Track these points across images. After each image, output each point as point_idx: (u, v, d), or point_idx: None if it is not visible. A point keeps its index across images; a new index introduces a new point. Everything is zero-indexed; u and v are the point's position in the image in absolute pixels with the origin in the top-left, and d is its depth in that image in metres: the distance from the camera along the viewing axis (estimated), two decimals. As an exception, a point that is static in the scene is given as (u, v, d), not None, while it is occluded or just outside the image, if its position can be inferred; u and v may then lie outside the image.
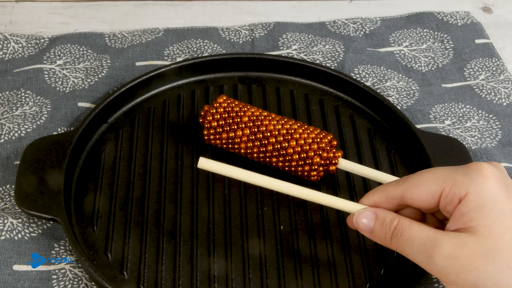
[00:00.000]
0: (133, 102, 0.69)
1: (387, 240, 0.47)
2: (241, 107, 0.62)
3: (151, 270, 0.56)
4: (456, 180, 0.45)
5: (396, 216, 0.47)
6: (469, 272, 0.43)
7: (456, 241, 0.43)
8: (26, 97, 0.70)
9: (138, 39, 0.77)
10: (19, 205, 0.57)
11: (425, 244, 0.44)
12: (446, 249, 0.43)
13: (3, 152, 0.65)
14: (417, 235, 0.45)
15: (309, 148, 0.59)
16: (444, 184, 0.45)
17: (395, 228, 0.47)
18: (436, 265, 0.44)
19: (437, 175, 0.46)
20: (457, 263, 0.43)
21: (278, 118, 0.61)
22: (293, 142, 0.59)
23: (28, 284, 0.55)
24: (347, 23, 0.82)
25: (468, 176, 0.45)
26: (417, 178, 0.47)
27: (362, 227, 0.49)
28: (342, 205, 0.52)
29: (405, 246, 0.46)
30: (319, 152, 0.59)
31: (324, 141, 0.59)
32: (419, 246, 0.45)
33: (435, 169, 0.47)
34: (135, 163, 0.64)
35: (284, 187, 0.54)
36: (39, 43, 0.77)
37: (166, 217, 0.59)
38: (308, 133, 0.59)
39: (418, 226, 0.46)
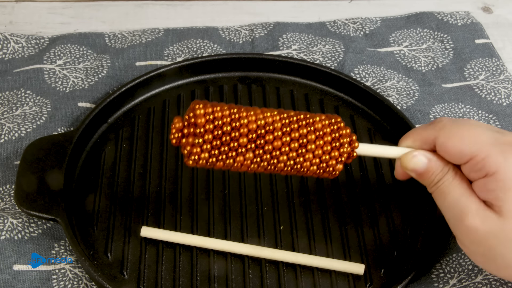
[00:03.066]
0: (133, 102, 0.69)
1: (429, 187, 0.49)
2: (231, 119, 0.49)
3: (151, 270, 0.56)
4: (490, 154, 0.44)
5: (445, 165, 0.48)
6: (482, 245, 0.45)
7: (481, 213, 0.45)
8: (26, 97, 0.70)
9: (138, 39, 0.77)
10: (19, 205, 0.57)
11: (456, 205, 0.46)
12: (471, 220, 0.45)
13: (3, 152, 0.65)
14: (452, 191, 0.47)
15: (329, 157, 0.50)
16: (477, 152, 0.45)
17: (440, 179, 0.48)
18: (457, 228, 0.47)
19: (476, 138, 0.45)
20: (476, 235, 0.45)
21: (280, 123, 0.49)
22: (309, 155, 0.50)
23: (28, 284, 0.55)
24: (347, 23, 0.82)
25: (503, 155, 0.44)
26: (455, 130, 0.47)
27: (414, 167, 0.49)
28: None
29: (439, 198, 0.48)
30: (340, 158, 0.51)
31: (342, 141, 0.50)
32: (450, 204, 0.47)
33: (476, 127, 0.47)
34: (135, 163, 0.64)
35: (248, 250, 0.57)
36: (39, 43, 0.77)
37: (166, 217, 0.59)
38: (322, 137, 0.50)
39: (458, 183, 0.47)
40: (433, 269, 0.57)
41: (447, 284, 0.55)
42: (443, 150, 0.47)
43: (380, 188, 0.62)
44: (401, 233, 0.59)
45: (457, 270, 0.56)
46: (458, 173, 0.47)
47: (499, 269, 0.47)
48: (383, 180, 0.63)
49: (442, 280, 0.55)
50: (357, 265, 0.56)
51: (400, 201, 0.61)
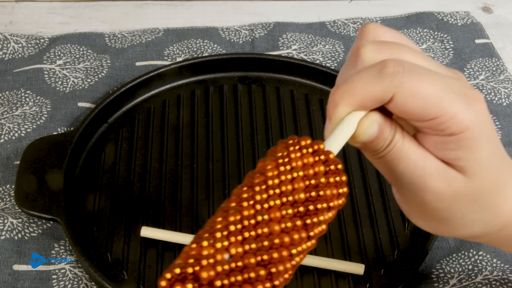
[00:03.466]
0: (133, 102, 0.69)
1: (373, 154, 0.40)
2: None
3: (151, 270, 0.56)
4: (458, 113, 0.37)
5: (392, 127, 0.39)
6: (446, 209, 0.39)
7: (445, 175, 0.38)
8: (26, 97, 0.70)
9: (138, 39, 0.77)
10: (19, 205, 0.57)
11: (414, 169, 0.38)
12: (435, 183, 0.38)
13: (3, 152, 0.65)
14: (408, 154, 0.39)
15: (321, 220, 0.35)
16: (443, 112, 0.37)
17: (389, 143, 0.39)
18: (418, 195, 0.39)
19: (440, 93, 0.37)
20: (439, 200, 0.39)
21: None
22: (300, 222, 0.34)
23: (28, 284, 0.55)
24: (347, 23, 0.82)
25: (471, 111, 0.37)
26: (416, 87, 0.37)
27: (367, 138, 0.39)
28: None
29: (389, 165, 0.39)
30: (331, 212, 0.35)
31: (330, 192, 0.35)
32: (406, 169, 0.39)
33: (435, 80, 0.37)
34: (135, 163, 0.64)
35: None
36: (39, 43, 0.77)
37: (166, 217, 0.59)
38: (312, 200, 0.34)
39: (410, 143, 0.39)
40: (433, 269, 0.57)
41: (447, 284, 0.55)
42: (401, 110, 0.37)
43: (380, 188, 0.62)
44: (401, 233, 0.59)
45: (457, 270, 0.56)
46: (404, 131, 0.39)
47: (454, 230, 0.41)
48: (383, 180, 0.63)
49: (442, 280, 0.55)
50: (357, 265, 0.56)
51: (400, 201, 0.61)
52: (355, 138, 0.39)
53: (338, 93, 0.37)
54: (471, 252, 0.57)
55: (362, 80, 0.37)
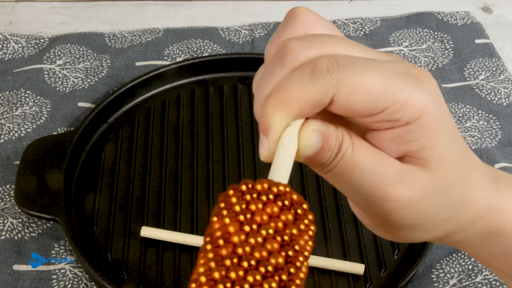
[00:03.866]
0: (133, 102, 0.69)
1: (322, 168, 0.34)
2: None
3: (151, 270, 0.56)
4: (409, 97, 0.32)
5: (338, 131, 0.33)
6: (414, 215, 0.34)
7: (407, 178, 0.33)
8: (26, 97, 0.70)
9: (138, 39, 0.77)
10: (19, 205, 0.57)
11: (371, 179, 0.33)
12: (397, 190, 0.33)
13: (3, 152, 0.65)
14: (360, 162, 0.33)
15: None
16: (394, 98, 0.32)
17: (338, 152, 0.33)
18: (381, 209, 0.34)
19: (385, 81, 0.32)
20: (406, 207, 0.34)
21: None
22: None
23: (28, 284, 0.55)
24: (347, 23, 0.82)
25: (424, 90, 0.33)
26: (358, 80, 0.32)
27: (312, 152, 0.33)
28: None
29: (342, 178, 0.34)
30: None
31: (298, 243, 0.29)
32: (361, 180, 0.33)
33: (375, 68, 0.32)
34: (135, 163, 0.64)
35: None
36: (39, 43, 0.77)
37: (166, 217, 0.59)
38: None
39: (361, 149, 0.33)
40: (433, 269, 0.57)
41: (447, 284, 0.55)
42: (346, 109, 0.32)
43: (380, 188, 0.62)
44: (401, 233, 0.59)
45: (457, 270, 0.56)
46: (352, 135, 0.34)
47: (425, 233, 0.36)
48: (383, 180, 0.63)
49: (442, 280, 0.55)
50: (357, 265, 0.56)
51: (400, 201, 0.61)
52: (298, 155, 0.33)
53: (270, 103, 0.32)
54: (471, 252, 0.57)
55: (295, 85, 0.32)
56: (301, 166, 0.63)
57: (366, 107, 0.32)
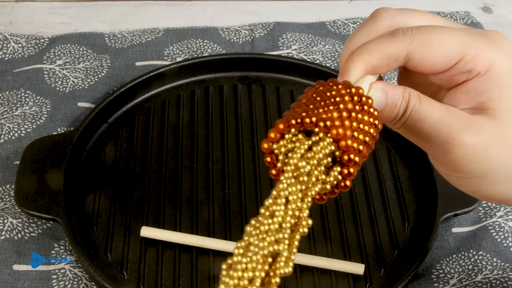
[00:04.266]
0: (133, 102, 0.69)
1: (393, 123, 0.39)
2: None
3: (151, 270, 0.56)
4: (481, 49, 0.37)
5: (404, 91, 0.38)
6: (482, 161, 0.38)
7: (473, 126, 0.37)
8: (26, 97, 0.70)
9: (138, 39, 0.77)
10: (19, 205, 0.57)
11: (439, 128, 0.38)
12: (463, 136, 0.37)
13: (3, 152, 0.65)
14: (428, 115, 0.38)
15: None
16: (466, 51, 0.37)
17: (406, 108, 0.38)
18: (449, 154, 0.38)
19: (457, 37, 0.37)
20: (472, 152, 0.37)
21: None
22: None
23: (28, 284, 0.55)
24: (347, 23, 0.82)
25: (495, 46, 0.37)
26: (431, 37, 0.38)
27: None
28: None
29: (412, 130, 0.39)
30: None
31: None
32: (430, 130, 0.38)
33: (450, 30, 0.38)
34: (135, 163, 0.64)
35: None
36: (39, 43, 0.77)
37: (166, 217, 0.59)
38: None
39: (428, 104, 0.38)
40: (433, 269, 0.57)
41: (447, 284, 0.55)
42: (423, 62, 0.38)
43: (380, 188, 0.62)
44: (401, 233, 0.59)
45: (457, 270, 0.56)
46: (420, 94, 0.39)
47: (497, 184, 0.39)
48: (383, 180, 0.63)
49: (442, 280, 0.55)
50: (357, 265, 0.56)
51: (400, 201, 0.61)
52: None
53: (355, 51, 0.38)
54: (471, 252, 0.57)
55: (376, 41, 0.38)
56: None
57: (441, 61, 0.37)
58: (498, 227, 0.59)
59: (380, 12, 0.41)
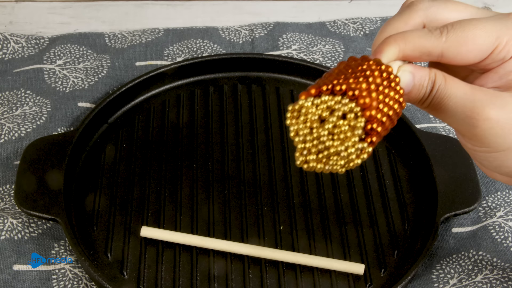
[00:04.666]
0: (133, 102, 0.69)
1: (421, 103, 0.43)
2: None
3: (151, 270, 0.56)
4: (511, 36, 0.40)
5: (430, 72, 0.42)
6: (508, 135, 0.40)
7: (497, 101, 0.40)
8: (26, 97, 0.70)
9: (138, 39, 0.77)
10: (19, 205, 0.57)
11: (465, 103, 0.40)
12: (487, 111, 0.40)
13: (3, 152, 0.65)
14: (454, 93, 0.41)
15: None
16: (498, 40, 0.40)
17: (432, 88, 0.42)
18: (474, 127, 0.40)
19: (488, 30, 0.40)
20: (497, 126, 0.40)
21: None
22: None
23: (28, 284, 0.55)
24: (347, 23, 0.82)
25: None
26: (464, 34, 0.40)
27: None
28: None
29: (440, 107, 0.42)
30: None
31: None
32: (457, 105, 0.41)
33: (483, 23, 0.41)
34: (135, 163, 0.64)
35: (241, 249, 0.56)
36: (39, 43, 0.77)
37: (166, 217, 0.59)
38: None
39: (454, 83, 0.41)
40: (433, 269, 0.57)
41: (447, 284, 0.55)
42: (458, 58, 0.41)
43: (380, 188, 0.62)
44: (401, 233, 0.59)
45: (457, 270, 0.56)
46: (445, 74, 0.42)
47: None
48: (383, 180, 0.63)
49: (442, 280, 0.55)
50: (357, 265, 0.56)
51: (400, 201, 0.61)
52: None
53: (393, 36, 0.42)
54: (471, 252, 0.57)
55: (415, 33, 0.41)
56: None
57: (476, 55, 0.41)
58: (498, 227, 0.59)
59: (415, 3, 0.44)
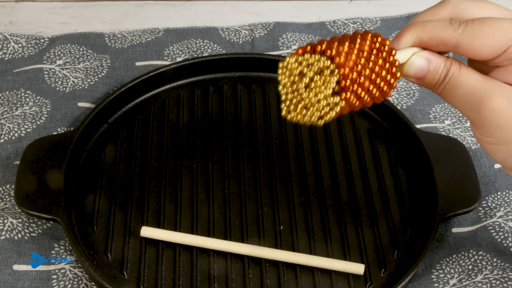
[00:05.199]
0: (133, 102, 0.69)
1: (435, 88, 0.45)
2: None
3: (151, 270, 0.56)
4: None
5: (446, 61, 0.45)
6: (510, 129, 0.42)
7: (506, 93, 0.42)
8: (26, 97, 0.70)
9: (138, 39, 0.77)
10: (19, 205, 0.57)
11: (474, 93, 0.43)
12: (495, 102, 0.42)
13: (3, 152, 0.65)
14: (465, 82, 0.43)
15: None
16: (510, 42, 0.42)
17: (446, 75, 0.44)
18: (479, 116, 0.43)
19: (504, 29, 0.42)
20: (502, 118, 0.42)
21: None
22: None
23: (28, 284, 0.55)
24: (347, 23, 0.82)
25: None
26: (480, 29, 0.43)
27: (413, 74, 0.45)
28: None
29: (451, 93, 0.44)
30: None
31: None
32: (466, 94, 0.43)
33: (501, 22, 0.43)
34: (135, 163, 0.64)
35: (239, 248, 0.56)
36: (39, 43, 0.77)
37: (166, 217, 0.59)
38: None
39: (467, 72, 0.44)
40: (433, 269, 0.57)
41: (447, 284, 0.55)
42: (471, 51, 0.43)
43: (380, 188, 0.62)
44: (401, 233, 0.59)
45: (457, 271, 0.56)
46: (462, 64, 0.45)
47: None
48: (383, 180, 0.63)
49: (442, 280, 0.55)
50: (357, 265, 0.56)
51: (400, 201, 0.61)
52: (403, 69, 0.46)
53: (412, 23, 0.45)
54: (471, 252, 0.57)
55: (434, 23, 0.44)
56: (302, 166, 0.63)
57: (489, 51, 0.42)
58: (498, 227, 0.59)
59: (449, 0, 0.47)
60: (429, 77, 0.45)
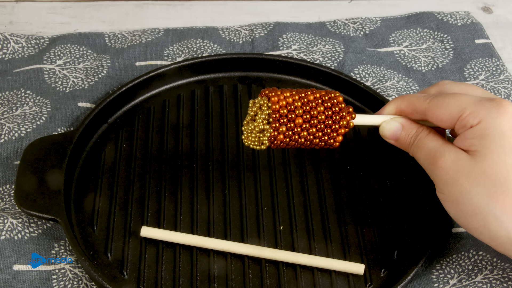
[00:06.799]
0: (133, 102, 0.69)
1: (408, 149, 0.54)
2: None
3: (151, 270, 0.56)
4: (473, 110, 0.49)
5: (419, 127, 0.53)
6: (454, 185, 0.49)
7: (453, 155, 0.49)
8: (26, 97, 0.70)
9: (138, 39, 0.77)
10: (19, 205, 0.57)
11: (431, 152, 0.51)
12: (443, 160, 0.50)
13: (3, 152, 0.65)
14: (427, 143, 0.52)
15: (330, 130, 0.54)
16: (462, 112, 0.49)
17: (416, 137, 0.53)
18: (432, 172, 0.51)
19: (460, 102, 0.50)
20: (447, 175, 0.49)
21: (300, 102, 0.54)
22: (320, 129, 0.54)
23: (28, 284, 0.55)
24: (347, 23, 0.82)
25: (486, 109, 0.49)
26: (442, 101, 0.51)
27: (389, 135, 0.55)
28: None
29: (416, 152, 0.53)
30: (340, 130, 0.54)
31: (341, 114, 0.54)
32: (426, 153, 0.51)
33: (459, 96, 0.51)
34: (135, 163, 0.64)
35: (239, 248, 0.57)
36: (39, 43, 0.77)
37: (166, 217, 0.59)
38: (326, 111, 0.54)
39: (432, 136, 0.52)
40: (433, 269, 0.57)
41: (447, 284, 0.55)
42: (434, 118, 0.51)
43: (380, 188, 0.62)
44: (401, 233, 0.59)
45: (457, 271, 0.56)
46: (432, 131, 0.53)
47: (468, 218, 0.49)
48: (383, 180, 0.63)
49: (442, 280, 0.55)
50: (357, 265, 0.56)
51: (400, 201, 0.61)
52: (380, 131, 0.55)
53: (397, 97, 0.55)
54: (471, 253, 0.57)
55: (412, 95, 0.54)
56: (302, 166, 0.63)
57: (447, 119, 0.50)
58: (498, 227, 0.59)
59: (440, 82, 0.56)
60: (403, 139, 0.54)
